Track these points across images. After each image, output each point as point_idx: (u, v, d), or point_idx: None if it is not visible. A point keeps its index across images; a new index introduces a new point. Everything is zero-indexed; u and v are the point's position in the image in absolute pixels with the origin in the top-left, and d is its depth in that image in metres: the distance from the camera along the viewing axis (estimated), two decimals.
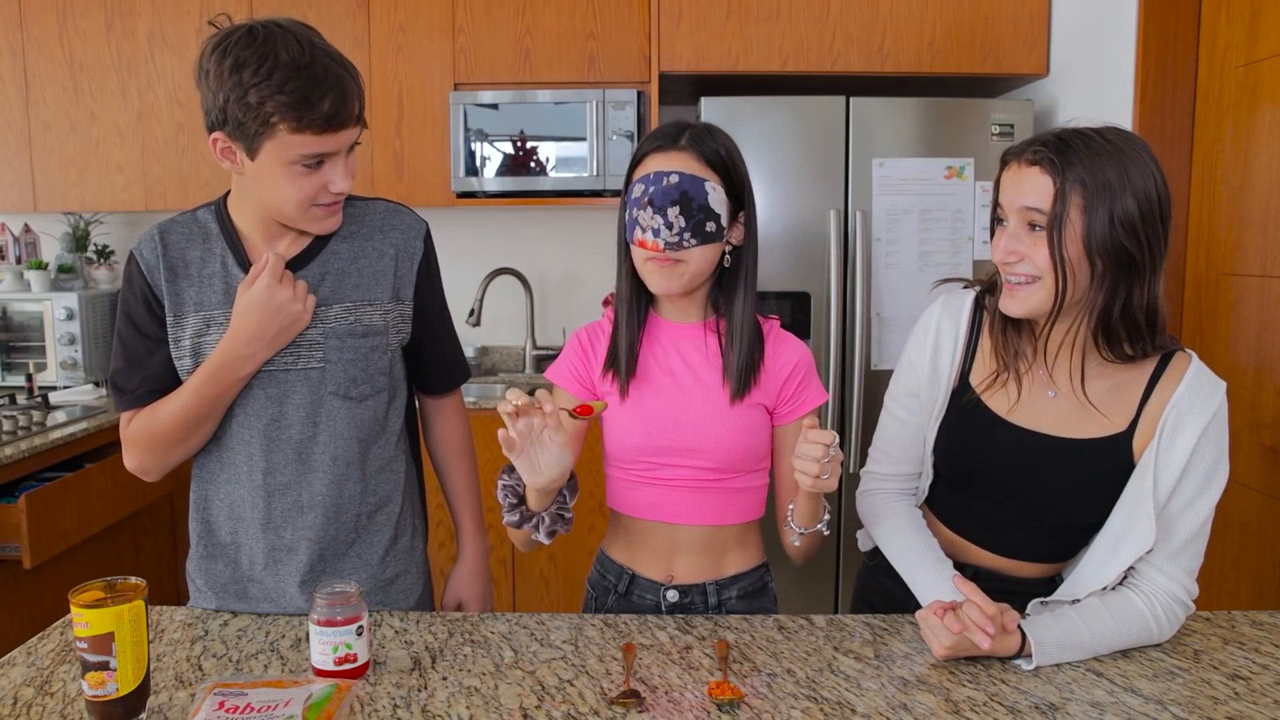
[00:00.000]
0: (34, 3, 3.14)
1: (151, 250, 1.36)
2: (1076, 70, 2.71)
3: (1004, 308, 1.26)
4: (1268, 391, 2.07)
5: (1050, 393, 1.29)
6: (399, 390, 1.46)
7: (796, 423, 1.41)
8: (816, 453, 1.17)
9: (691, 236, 1.30)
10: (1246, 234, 2.13)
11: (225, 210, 1.38)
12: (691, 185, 1.30)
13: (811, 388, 1.41)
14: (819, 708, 1.07)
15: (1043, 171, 1.18)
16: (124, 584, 1.04)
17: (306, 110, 1.19)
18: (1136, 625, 1.20)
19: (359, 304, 1.38)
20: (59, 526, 2.34)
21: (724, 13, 2.84)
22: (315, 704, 1.03)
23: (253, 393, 1.35)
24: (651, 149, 1.35)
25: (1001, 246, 1.23)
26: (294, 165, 1.24)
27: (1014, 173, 1.23)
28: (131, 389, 1.37)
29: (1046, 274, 1.20)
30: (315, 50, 1.21)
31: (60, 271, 3.30)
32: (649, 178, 1.32)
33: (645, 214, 1.30)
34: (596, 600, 1.49)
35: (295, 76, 1.18)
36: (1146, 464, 1.22)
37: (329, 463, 1.37)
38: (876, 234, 2.73)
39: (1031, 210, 1.19)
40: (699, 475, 1.38)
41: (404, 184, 3.16)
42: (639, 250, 1.34)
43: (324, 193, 1.28)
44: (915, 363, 1.38)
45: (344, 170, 1.28)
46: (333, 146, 1.25)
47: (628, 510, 1.44)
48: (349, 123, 1.25)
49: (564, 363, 1.46)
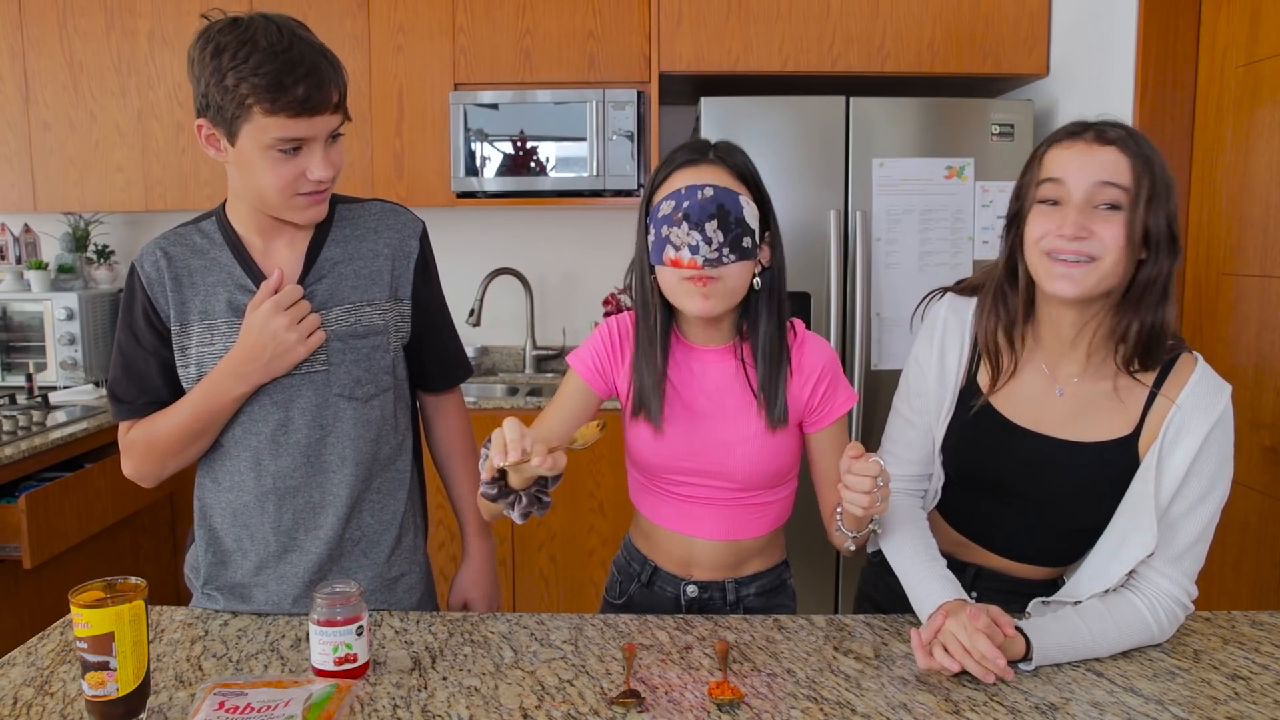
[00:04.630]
0: (34, 3, 3.14)
1: (153, 264, 1.36)
2: (1076, 70, 2.71)
3: (1056, 289, 1.19)
4: (1268, 391, 2.07)
5: (1058, 390, 1.28)
6: (402, 389, 1.46)
7: (831, 427, 1.38)
8: (865, 485, 1.14)
9: (730, 252, 1.24)
10: (1246, 234, 2.13)
11: (226, 217, 1.39)
12: (727, 198, 1.25)
13: (841, 391, 1.38)
14: (819, 708, 1.07)
15: (1120, 151, 1.15)
16: (124, 584, 1.04)
17: (280, 92, 1.21)
18: (1137, 627, 1.19)
19: (358, 305, 1.38)
20: (59, 526, 2.34)
21: (724, 13, 2.84)
22: (315, 704, 1.03)
23: (259, 399, 1.35)
24: (680, 164, 1.29)
25: (1072, 221, 1.16)
26: (271, 150, 1.25)
27: (1081, 150, 1.18)
28: (130, 399, 1.38)
29: (1110, 254, 1.16)
30: (294, 38, 1.24)
31: (60, 271, 3.30)
32: (680, 192, 1.25)
33: (679, 231, 1.24)
34: (621, 584, 1.49)
35: (271, 60, 1.21)
36: (1149, 467, 1.22)
37: (338, 463, 1.38)
38: (876, 234, 2.73)
39: (1110, 186, 1.15)
40: (718, 494, 1.37)
41: (404, 184, 3.16)
42: (672, 271, 1.27)
43: (304, 180, 1.28)
44: (923, 361, 1.36)
45: (322, 158, 1.28)
46: (308, 132, 1.25)
47: (646, 514, 1.44)
48: (324, 108, 1.25)
49: (588, 353, 1.41)
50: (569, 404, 1.40)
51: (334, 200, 1.42)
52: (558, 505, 2.95)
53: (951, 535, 1.40)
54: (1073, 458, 1.27)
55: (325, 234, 1.39)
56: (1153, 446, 1.22)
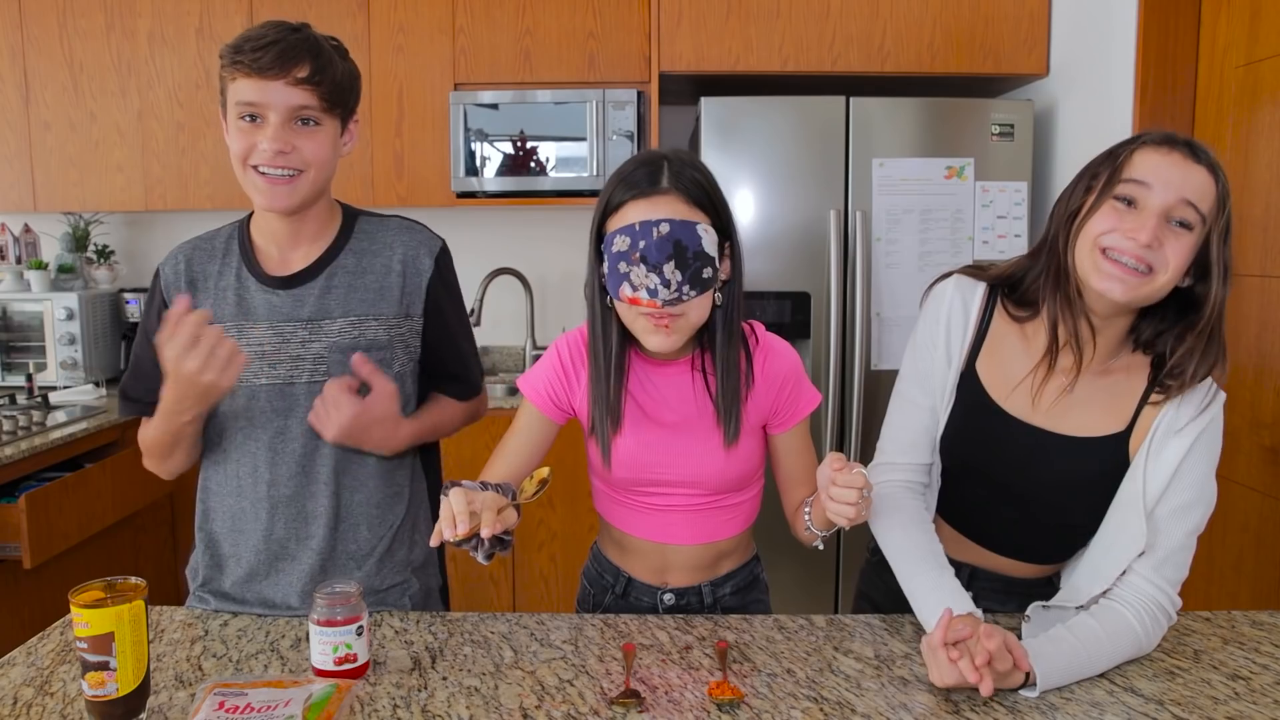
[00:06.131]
0: (34, 3, 3.14)
1: (173, 268, 1.42)
2: (1076, 70, 2.71)
3: (1105, 288, 1.16)
4: (1268, 391, 2.07)
5: (1070, 389, 1.27)
6: (407, 405, 1.44)
7: (795, 428, 1.39)
8: (851, 497, 1.13)
9: (691, 288, 1.20)
10: (1246, 234, 2.13)
11: (247, 226, 1.42)
12: (684, 232, 1.20)
13: (804, 394, 1.38)
14: (819, 708, 1.07)
15: (1209, 175, 1.14)
16: (124, 584, 1.04)
17: (238, 53, 1.27)
18: (1128, 639, 1.18)
19: (364, 318, 1.38)
20: (59, 526, 2.34)
21: (724, 13, 2.84)
22: (315, 704, 1.03)
23: (259, 405, 1.37)
24: (630, 197, 1.22)
25: (1150, 228, 1.13)
26: (239, 119, 1.29)
27: (1175, 162, 1.15)
28: (135, 398, 1.43)
29: (1169, 271, 1.15)
30: (299, 28, 1.31)
31: (60, 271, 3.30)
32: (634, 229, 1.20)
33: (638, 270, 1.20)
34: (594, 596, 1.48)
35: (254, 30, 1.27)
36: (1138, 466, 1.22)
37: (330, 475, 1.38)
38: (876, 234, 2.73)
39: (1189, 206, 1.13)
40: (691, 500, 1.37)
41: (404, 184, 3.16)
42: (629, 307, 1.24)
43: (256, 151, 1.29)
44: (928, 339, 1.34)
45: (276, 131, 1.28)
46: (261, 96, 1.27)
47: (616, 524, 1.42)
48: (282, 73, 1.27)
49: (540, 378, 1.38)
50: (526, 436, 1.38)
51: (355, 214, 1.44)
52: (558, 505, 2.96)
53: (945, 530, 1.39)
54: (1061, 451, 1.26)
55: (342, 245, 1.40)
56: (1142, 445, 1.22)
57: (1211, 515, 1.23)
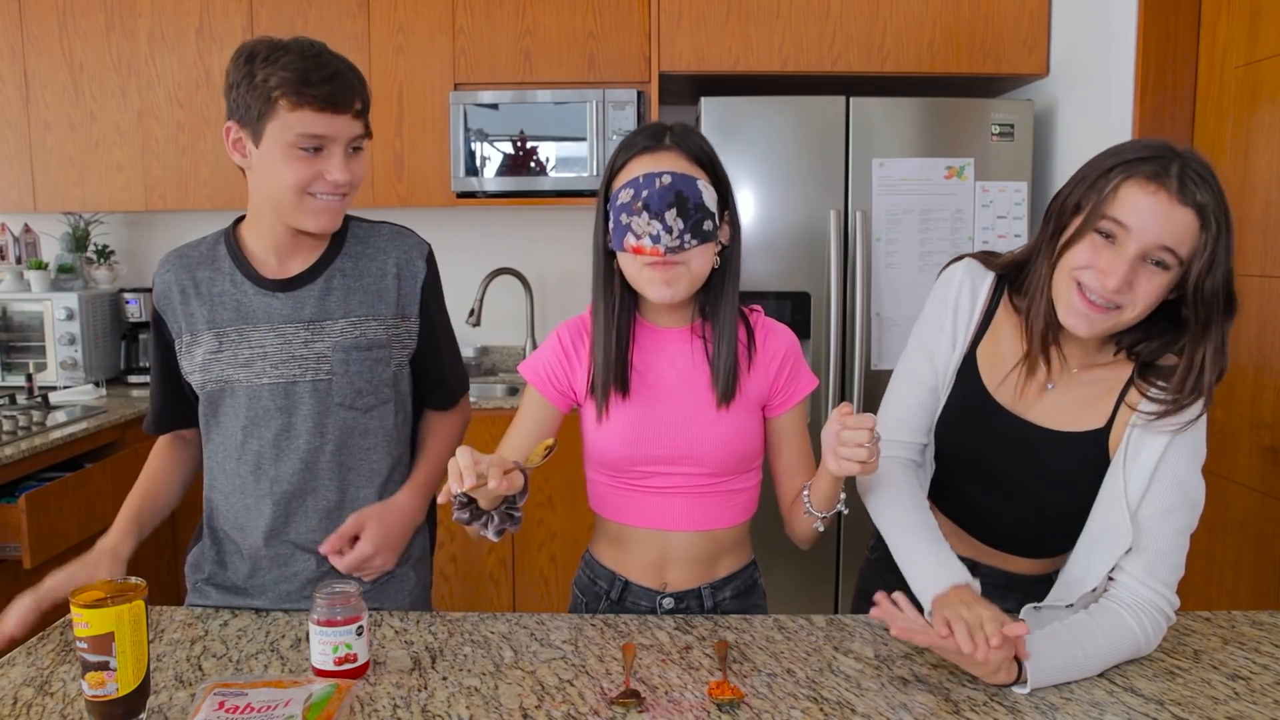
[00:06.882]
0: (34, 3, 3.14)
1: (162, 278, 1.44)
2: (1076, 70, 2.71)
3: (1072, 325, 1.19)
4: (1268, 391, 2.07)
5: (1050, 385, 1.28)
6: (404, 403, 1.49)
7: (792, 411, 1.40)
8: (862, 438, 1.14)
9: (692, 237, 1.26)
10: (1246, 234, 2.13)
11: (233, 234, 1.44)
12: (685, 184, 1.26)
13: (802, 375, 1.40)
14: (819, 708, 1.07)
15: (1196, 218, 1.12)
16: (124, 584, 1.05)
17: (305, 86, 1.26)
18: (1127, 641, 1.17)
19: (364, 318, 1.41)
20: (59, 526, 2.34)
21: (724, 13, 2.84)
22: (315, 704, 1.03)
23: (263, 404, 1.39)
24: (636, 152, 1.30)
25: (1120, 275, 1.13)
26: (293, 148, 1.29)
27: (1160, 203, 1.12)
28: (154, 411, 1.50)
29: (1137, 309, 1.15)
30: (324, 49, 1.31)
31: (60, 271, 3.30)
32: (638, 181, 1.27)
33: (640, 220, 1.25)
34: (586, 605, 1.46)
35: (300, 60, 1.27)
36: (1117, 464, 1.22)
37: (335, 471, 1.41)
38: (876, 234, 2.73)
39: (1167, 250, 1.13)
40: (692, 481, 1.37)
41: (404, 184, 3.16)
42: (634, 258, 1.29)
43: (321, 181, 1.31)
44: (936, 320, 1.35)
45: (341, 161, 1.32)
46: (329, 129, 1.29)
47: (615, 517, 1.42)
48: (347, 108, 1.30)
49: (541, 362, 1.41)
50: (530, 421, 1.40)
51: (346, 219, 1.45)
52: (557, 505, 2.96)
53: (942, 522, 1.38)
54: (1043, 444, 1.27)
55: (338, 249, 1.43)
56: (1121, 443, 1.22)
57: (1211, 515, 1.23)
